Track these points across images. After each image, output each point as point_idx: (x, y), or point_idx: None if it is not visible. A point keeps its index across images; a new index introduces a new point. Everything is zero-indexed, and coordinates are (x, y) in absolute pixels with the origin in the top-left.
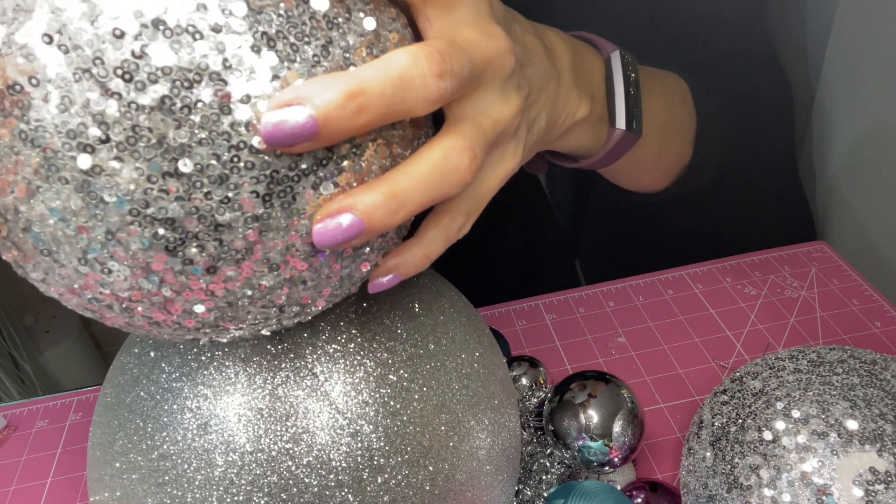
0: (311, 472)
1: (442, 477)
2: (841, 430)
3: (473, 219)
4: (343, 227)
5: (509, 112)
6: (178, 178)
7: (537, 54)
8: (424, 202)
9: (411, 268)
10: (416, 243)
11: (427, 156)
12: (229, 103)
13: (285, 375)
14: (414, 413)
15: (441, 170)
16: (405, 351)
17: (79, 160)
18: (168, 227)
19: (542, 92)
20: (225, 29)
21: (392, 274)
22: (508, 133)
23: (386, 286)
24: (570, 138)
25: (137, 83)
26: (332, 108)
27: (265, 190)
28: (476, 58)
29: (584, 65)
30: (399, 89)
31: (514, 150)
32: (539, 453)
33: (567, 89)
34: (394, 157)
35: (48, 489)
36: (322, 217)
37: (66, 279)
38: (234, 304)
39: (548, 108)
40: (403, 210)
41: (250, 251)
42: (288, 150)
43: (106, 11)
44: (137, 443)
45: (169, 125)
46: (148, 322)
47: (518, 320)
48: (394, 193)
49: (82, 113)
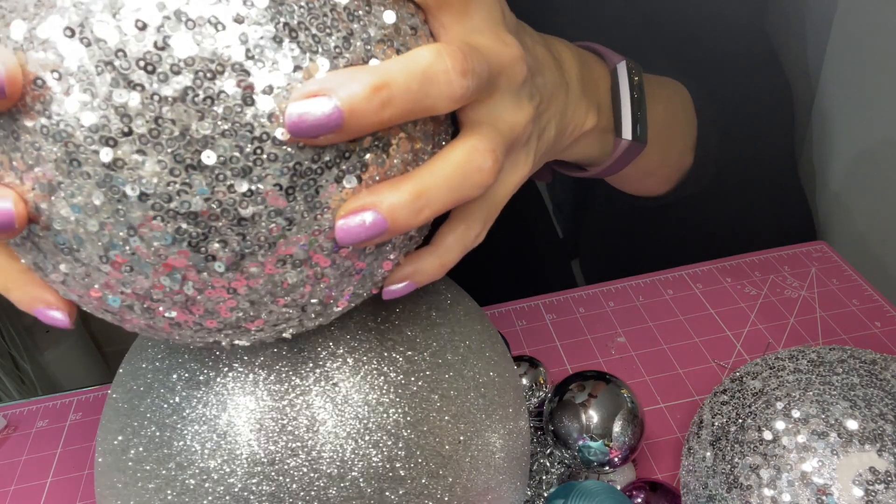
0: (332, 482)
1: (460, 486)
2: (841, 429)
3: (489, 226)
4: (367, 224)
5: (523, 119)
6: (202, 170)
7: (547, 65)
8: (448, 203)
9: (427, 276)
10: (433, 251)
11: (450, 156)
12: (252, 94)
13: (304, 385)
14: (433, 423)
15: (464, 170)
16: (424, 360)
17: (101, 154)
18: (191, 222)
19: (551, 102)
20: (247, 20)
21: (407, 281)
22: (521, 141)
23: (399, 293)
24: (577, 148)
25: (160, 74)
26: (357, 100)
27: (288, 182)
28: (492, 63)
29: (592, 75)
30: (424, 84)
31: (525, 158)
32: (539, 453)
33: (576, 100)
34: (416, 153)
35: (48, 489)
36: (345, 213)
37: (87, 279)
38: (257, 302)
39: (557, 118)
40: (427, 210)
41: (273, 246)
42: (312, 141)
43: (128, 3)
44: (153, 451)
45: (192, 116)
46: (169, 324)
47: (518, 320)
48: (418, 193)
49: (104, 106)
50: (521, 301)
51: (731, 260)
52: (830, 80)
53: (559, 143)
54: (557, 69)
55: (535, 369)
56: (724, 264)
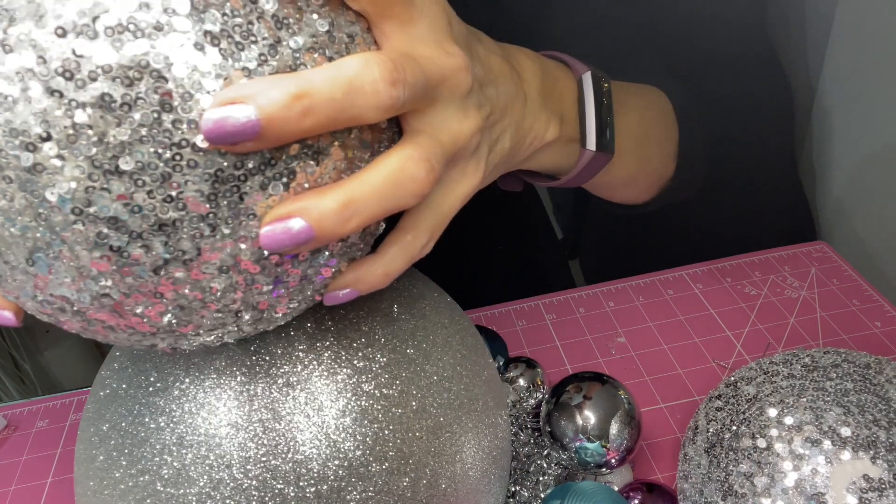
0: (290, 483)
1: (424, 483)
2: (834, 437)
3: (436, 237)
4: (292, 232)
5: (468, 128)
6: (120, 176)
7: (502, 75)
8: (379, 212)
9: (369, 285)
10: (377, 259)
11: (383, 165)
12: (171, 101)
13: (262, 386)
14: (393, 419)
15: (397, 179)
16: (383, 357)
17: (21, 158)
18: (111, 227)
19: (505, 113)
20: (167, 27)
21: (349, 288)
22: (468, 150)
23: (341, 300)
24: (540, 159)
25: (78, 81)
26: (276, 108)
27: (210, 189)
28: (431, 73)
29: (556, 85)
30: (349, 94)
31: (474, 167)
32: (536, 454)
33: (535, 110)
34: (350, 161)
35: (48, 489)
36: (270, 220)
37: (17, 281)
38: (186, 307)
39: (513, 128)
40: (356, 219)
41: (198, 252)
42: (231, 148)
43: (49, 11)
44: (117, 458)
45: (109, 123)
46: (102, 326)
47: (518, 320)
48: (346, 202)
49: (25, 112)
50: (521, 301)
51: (731, 260)
52: (830, 80)
53: (517, 154)
54: (514, 80)
55: (533, 370)
56: (724, 264)
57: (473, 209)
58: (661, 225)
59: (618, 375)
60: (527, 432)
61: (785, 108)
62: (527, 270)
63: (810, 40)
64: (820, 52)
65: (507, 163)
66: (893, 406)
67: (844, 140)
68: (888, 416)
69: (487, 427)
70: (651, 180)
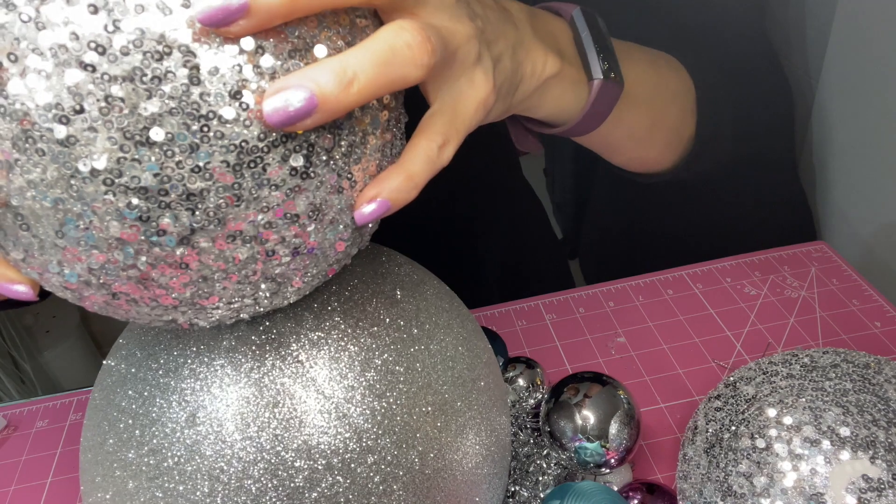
0: (300, 456)
1: (432, 455)
2: (833, 437)
3: (454, 142)
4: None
5: (463, 30)
6: (150, 147)
7: (489, 7)
8: (380, 79)
9: (396, 191)
10: (398, 165)
11: (377, 34)
12: (198, 75)
13: (271, 364)
14: (400, 394)
15: (391, 44)
16: (388, 335)
17: (55, 131)
18: (141, 197)
19: (499, 35)
20: (194, 5)
21: (378, 199)
22: (469, 55)
23: (373, 215)
24: (548, 98)
25: (110, 56)
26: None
27: (235, 160)
28: None
29: (547, 26)
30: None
31: (482, 77)
32: (535, 454)
33: (528, 39)
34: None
35: (48, 489)
36: (272, 93)
37: (45, 255)
38: (209, 278)
39: (510, 51)
40: (356, 84)
41: (223, 222)
42: (291, 129)
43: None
44: (127, 440)
45: (141, 95)
46: (126, 300)
47: (518, 320)
48: (343, 67)
49: (58, 85)
50: (521, 301)
51: (731, 260)
52: (830, 80)
53: (520, 83)
54: (503, 12)
55: (532, 370)
56: (724, 264)
57: (473, 209)
58: (661, 225)
59: (617, 375)
60: (526, 432)
61: (785, 109)
62: (527, 270)
63: (810, 40)
64: (820, 52)
65: (514, 91)
66: (892, 406)
67: (844, 140)
68: (887, 416)
69: (488, 404)
70: (670, 137)
